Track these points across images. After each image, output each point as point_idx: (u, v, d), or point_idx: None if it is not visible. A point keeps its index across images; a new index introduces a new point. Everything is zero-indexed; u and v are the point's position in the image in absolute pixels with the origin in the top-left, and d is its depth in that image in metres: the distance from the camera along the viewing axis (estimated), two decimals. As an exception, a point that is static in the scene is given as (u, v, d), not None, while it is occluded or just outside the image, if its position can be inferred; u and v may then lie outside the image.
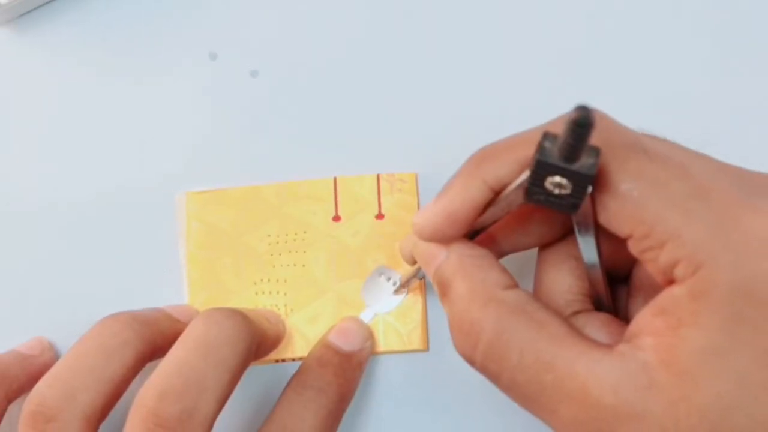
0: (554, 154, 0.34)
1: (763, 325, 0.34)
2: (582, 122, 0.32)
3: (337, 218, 0.51)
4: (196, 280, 0.50)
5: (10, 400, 0.46)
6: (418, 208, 0.51)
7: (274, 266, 0.50)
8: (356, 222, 0.51)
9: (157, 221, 0.51)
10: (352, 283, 0.50)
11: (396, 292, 0.50)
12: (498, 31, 0.53)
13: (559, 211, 0.36)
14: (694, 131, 0.49)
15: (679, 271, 0.35)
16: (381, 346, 0.50)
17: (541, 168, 0.35)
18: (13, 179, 0.52)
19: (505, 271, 0.40)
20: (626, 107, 0.51)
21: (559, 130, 0.34)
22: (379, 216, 0.51)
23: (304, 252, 0.50)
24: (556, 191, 0.35)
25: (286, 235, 0.51)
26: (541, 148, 0.34)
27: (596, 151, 0.34)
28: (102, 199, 0.51)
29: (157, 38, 0.53)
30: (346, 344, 0.48)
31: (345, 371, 0.48)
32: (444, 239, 0.41)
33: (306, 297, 0.50)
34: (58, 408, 0.41)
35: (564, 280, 0.42)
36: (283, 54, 0.53)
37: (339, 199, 0.51)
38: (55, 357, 0.50)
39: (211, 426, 0.41)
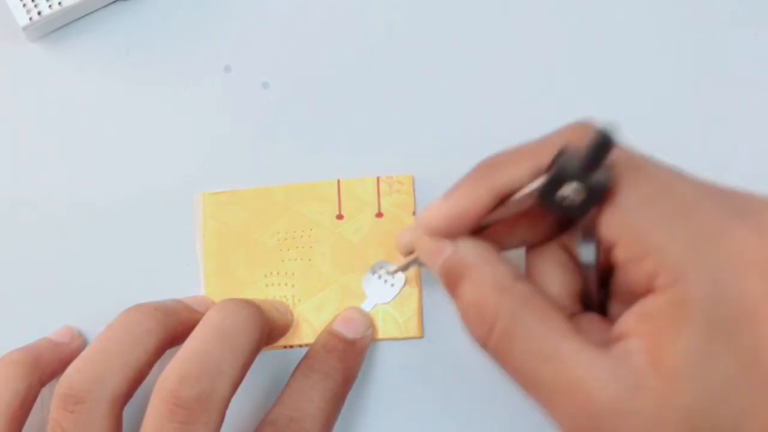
0: (574, 164, 0.36)
1: (738, 334, 0.35)
2: (605, 141, 0.34)
3: (340, 217, 0.52)
4: (212, 273, 0.52)
5: (42, 384, 0.48)
6: (415, 207, 0.52)
7: (282, 260, 0.52)
8: (358, 220, 0.52)
9: (177, 220, 0.52)
10: (354, 276, 0.51)
11: (392, 273, 0.51)
12: (490, 42, 0.54)
13: (569, 216, 0.38)
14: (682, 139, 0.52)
15: (659, 281, 0.36)
16: (380, 334, 0.51)
17: (560, 178, 0.36)
18: (47, 182, 0.53)
19: (509, 262, 0.41)
20: (618, 114, 0.53)
21: (567, 140, 0.36)
22: (379, 215, 0.52)
23: (311, 247, 0.52)
24: (568, 198, 0.37)
25: (294, 232, 0.52)
26: (561, 161, 0.36)
27: (610, 166, 0.36)
28: (126, 200, 0.52)
29: (177, 53, 0.54)
30: (350, 332, 0.50)
31: (349, 356, 0.49)
32: (449, 236, 0.41)
33: (312, 288, 0.51)
34: (87, 391, 0.42)
35: (554, 285, 0.43)
36: (292, 68, 0.53)
37: (342, 199, 0.52)
38: (84, 344, 0.51)
39: (226, 406, 0.42)
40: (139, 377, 0.44)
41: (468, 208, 0.41)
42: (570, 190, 0.37)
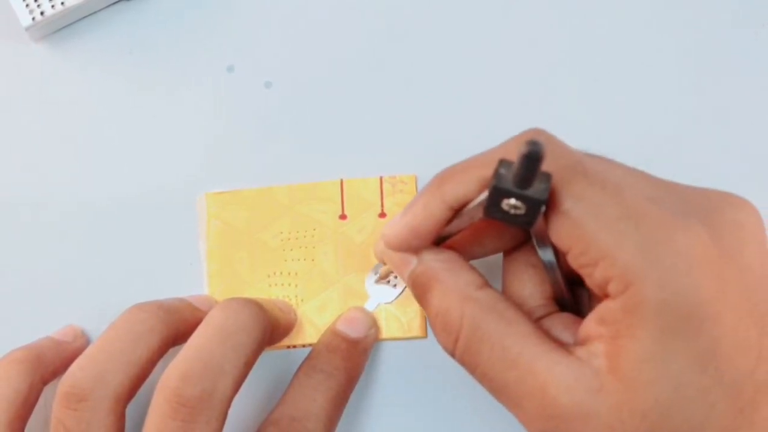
0: (509, 179, 0.36)
1: (692, 336, 0.36)
2: (533, 156, 0.33)
3: (343, 217, 0.52)
4: (215, 273, 0.52)
5: (45, 383, 0.47)
6: None
7: (285, 260, 0.52)
8: (361, 220, 0.52)
9: (180, 220, 0.52)
10: (357, 276, 0.51)
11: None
12: (492, 42, 0.54)
13: (516, 226, 0.38)
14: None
15: (611, 288, 0.37)
16: (383, 334, 0.51)
17: (497, 193, 0.36)
18: (50, 182, 0.53)
19: (475, 270, 0.42)
20: (618, 114, 0.53)
21: (513, 154, 0.35)
22: (382, 215, 0.52)
23: (314, 247, 0.52)
24: (512, 211, 0.36)
25: (297, 232, 0.52)
26: (497, 175, 0.36)
27: (548, 177, 0.36)
28: (130, 199, 0.53)
29: (180, 53, 0.54)
30: (353, 331, 0.50)
31: (352, 356, 0.49)
32: (411, 249, 0.43)
33: (315, 288, 0.51)
34: (90, 389, 0.42)
35: (526, 288, 0.44)
36: (295, 67, 0.54)
37: (345, 199, 0.52)
38: (87, 343, 0.51)
39: (228, 405, 0.42)
40: (142, 375, 0.44)
41: (424, 222, 0.41)
42: (510, 204, 0.37)
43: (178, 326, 0.46)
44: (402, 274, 0.44)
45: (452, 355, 0.41)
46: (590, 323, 0.38)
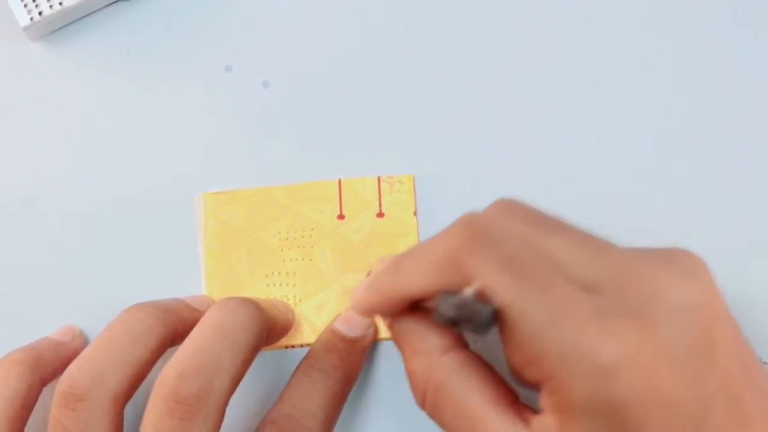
0: (451, 314, 0.38)
1: None
2: (450, 321, 0.38)
3: (341, 217, 0.52)
4: (213, 273, 0.52)
5: (44, 383, 0.47)
6: (416, 207, 0.52)
7: (284, 260, 0.52)
8: (359, 220, 0.52)
9: (178, 219, 0.52)
10: (355, 276, 0.51)
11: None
12: (491, 42, 0.54)
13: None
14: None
15: (544, 388, 0.38)
16: (381, 333, 0.50)
17: (443, 319, 0.38)
18: (48, 182, 0.53)
19: (442, 334, 0.42)
20: (618, 114, 0.53)
21: (446, 277, 0.39)
22: (380, 215, 0.52)
23: (312, 247, 0.52)
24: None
25: (295, 232, 0.52)
26: (437, 314, 0.39)
27: (490, 307, 0.38)
28: (128, 199, 0.52)
29: (178, 52, 0.54)
30: (351, 331, 0.49)
31: (350, 355, 0.49)
32: (382, 316, 0.46)
33: (313, 288, 0.51)
34: (88, 389, 0.43)
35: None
36: (293, 67, 0.54)
37: (343, 199, 0.52)
38: (85, 343, 0.51)
39: (225, 404, 0.43)
40: (140, 375, 0.44)
41: (384, 306, 0.44)
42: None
43: (176, 326, 0.46)
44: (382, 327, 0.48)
45: (422, 408, 0.43)
46: (544, 399, 0.39)
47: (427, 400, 0.42)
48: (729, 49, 0.54)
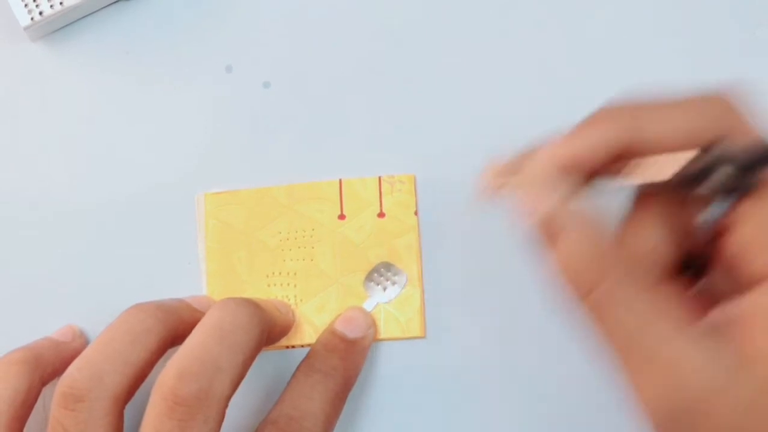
0: (731, 166, 0.36)
1: None
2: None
3: (342, 217, 0.52)
4: (214, 273, 0.52)
5: (44, 383, 0.48)
6: (416, 207, 0.52)
7: (284, 260, 0.52)
8: (360, 220, 0.52)
9: (178, 219, 0.52)
10: (356, 276, 0.51)
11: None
12: (491, 42, 0.54)
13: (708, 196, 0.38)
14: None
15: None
16: (382, 334, 0.51)
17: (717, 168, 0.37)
18: (48, 182, 0.53)
19: (611, 225, 0.40)
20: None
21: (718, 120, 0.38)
22: (381, 214, 0.52)
23: (312, 247, 0.52)
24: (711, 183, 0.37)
25: (296, 232, 0.52)
26: (721, 150, 0.37)
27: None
28: (128, 199, 0.53)
29: (178, 53, 0.54)
30: (351, 331, 0.50)
31: (350, 356, 0.49)
32: (559, 177, 0.39)
33: (314, 288, 0.51)
34: (87, 389, 0.43)
35: (654, 243, 0.40)
36: (293, 67, 0.54)
37: (344, 199, 0.52)
38: (86, 343, 0.51)
39: (226, 404, 0.42)
40: (140, 376, 0.44)
41: (593, 153, 0.40)
42: (720, 177, 0.36)
43: (176, 327, 0.46)
44: (534, 209, 0.40)
45: (580, 304, 0.39)
46: (734, 307, 0.37)
47: (593, 297, 0.38)
48: (728, 50, 0.54)
